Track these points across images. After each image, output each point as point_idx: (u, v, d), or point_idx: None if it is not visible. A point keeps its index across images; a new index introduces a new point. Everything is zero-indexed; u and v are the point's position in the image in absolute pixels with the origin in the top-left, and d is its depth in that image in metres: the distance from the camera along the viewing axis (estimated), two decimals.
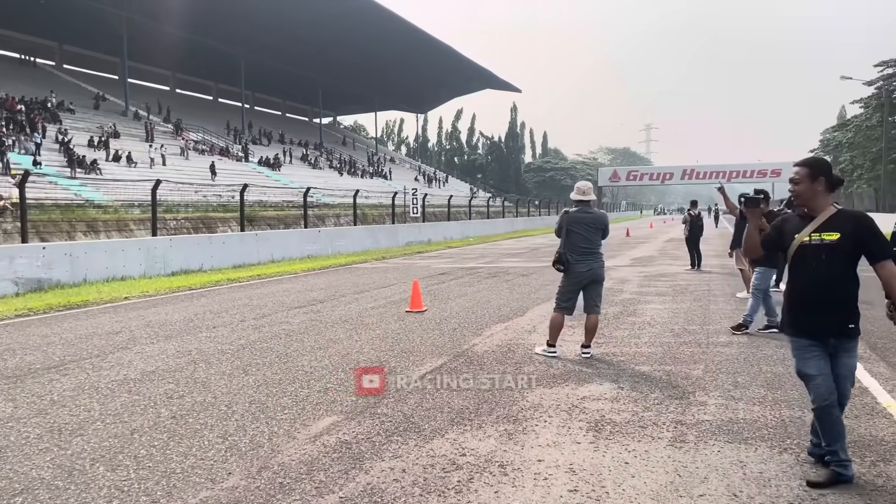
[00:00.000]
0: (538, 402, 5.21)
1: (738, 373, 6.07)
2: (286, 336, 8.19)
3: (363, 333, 8.25)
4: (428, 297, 11.57)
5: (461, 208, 46.10)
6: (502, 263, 18.71)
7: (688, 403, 5.15)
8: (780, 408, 4.99)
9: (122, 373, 6.40)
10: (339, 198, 41.95)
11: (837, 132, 74.73)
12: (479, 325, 8.72)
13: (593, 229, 6.75)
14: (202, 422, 4.86)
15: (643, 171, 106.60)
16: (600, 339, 7.66)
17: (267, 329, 8.72)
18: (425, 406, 5.16)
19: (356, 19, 52.71)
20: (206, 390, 5.73)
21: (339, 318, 9.48)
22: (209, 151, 47.91)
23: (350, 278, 15.32)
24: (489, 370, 6.27)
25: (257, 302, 11.48)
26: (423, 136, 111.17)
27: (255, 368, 6.50)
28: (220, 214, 33.01)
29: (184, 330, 8.78)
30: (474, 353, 7.01)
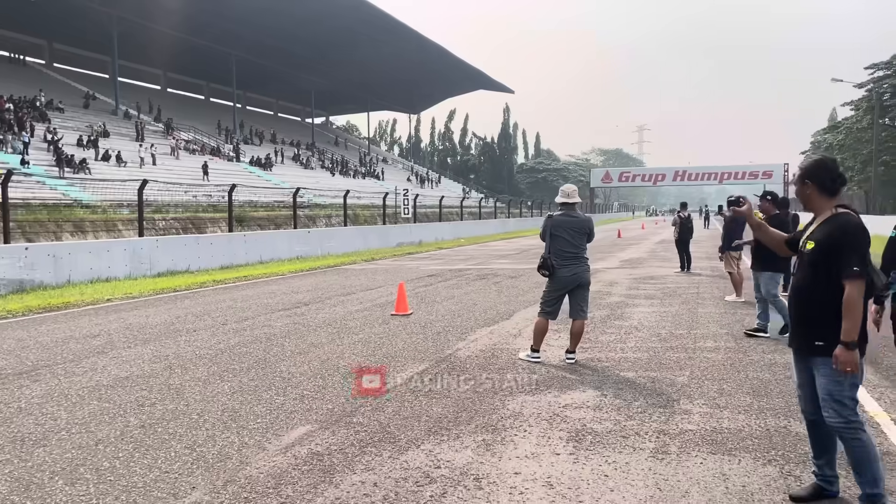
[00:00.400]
0: (519, 411, 5.08)
1: (723, 379, 5.95)
2: (267, 340, 8.03)
3: (345, 337, 8.10)
4: (414, 299, 11.43)
5: (453, 209, 45.98)
6: (492, 265, 18.58)
7: (671, 412, 5.02)
8: (766, 416, 4.88)
9: (94, 379, 6.24)
10: (330, 198, 41.74)
11: (828, 134, 74.97)
12: (464, 329, 8.59)
13: (578, 233, 6.63)
14: (171, 431, 4.71)
15: (635, 172, 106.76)
16: (586, 343, 7.54)
17: (248, 332, 8.56)
18: (403, 414, 5.02)
19: (349, 19, 52.51)
20: (179, 397, 5.57)
21: (322, 322, 9.33)
22: (200, 151, 47.63)
23: (337, 280, 15.17)
24: (471, 376, 6.14)
25: (241, 304, 11.31)
26: (416, 137, 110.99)
27: (231, 374, 6.34)
28: (210, 215, 32.78)
29: (163, 333, 8.61)
30: (457, 359, 6.88)
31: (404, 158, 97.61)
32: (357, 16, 52.37)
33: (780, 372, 6.18)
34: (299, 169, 55.87)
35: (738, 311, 9.98)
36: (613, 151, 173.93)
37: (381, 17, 54.08)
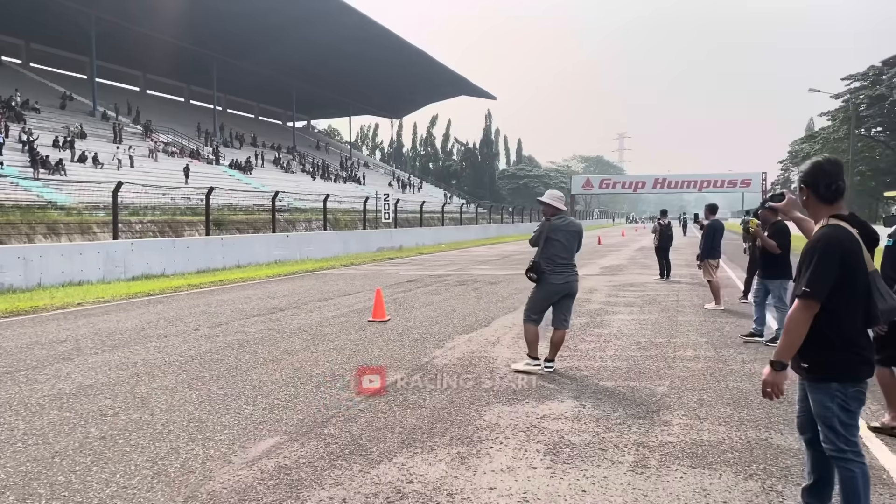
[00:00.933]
0: (495, 422, 4.94)
1: (703, 389, 5.86)
2: (239, 346, 7.84)
3: (320, 344, 7.92)
4: (392, 305, 11.27)
5: (434, 214, 45.85)
6: (472, 271, 18.46)
7: (651, 423, 4.91)
8: (747, 428, 4.78)
9: (56, 387, 6.02)
10: (311, 202, 41.49)
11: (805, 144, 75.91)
12: (442, 336, 8.44)
13: (573, 238, 6.49)
14: (133, 443, 4.52)
15: (616, 179, 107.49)
16: (565, 351, 7.43)
17: (220, 339, 8.36)
18: (376, 426, 4.86)
19: (331, 23, 52.28)
20: (144, 407, 5.37)
21: (297, 328, 9.15)
22: (179, 154, 47.13)
23: (315, 285, 14.96)
24: (447, 385, 5.99)
25: (215, 309, 11.08)
26: (398, 142, 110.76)
27: (200, 382, 6.15)
28: (188, 218, 32.42)
29: (133, 339, 8.38)
30: (434, 367, 6.73)
31: (386, 163, 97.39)
32: (339, 20, 52.16)
33: (759, 382, 6.08)
34: (280, 172, 55.47)
35: (717, 319, 9.93)
36: (594, 158, 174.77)
37: (364, 21, 53.92)
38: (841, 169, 3.02)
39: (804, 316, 2.86)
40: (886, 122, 54.82)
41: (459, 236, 39.40)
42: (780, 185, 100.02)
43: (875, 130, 57.18)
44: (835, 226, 2.93)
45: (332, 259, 22.92)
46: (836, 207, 3.00)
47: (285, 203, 41.05)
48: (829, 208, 2.99)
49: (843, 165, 3.05)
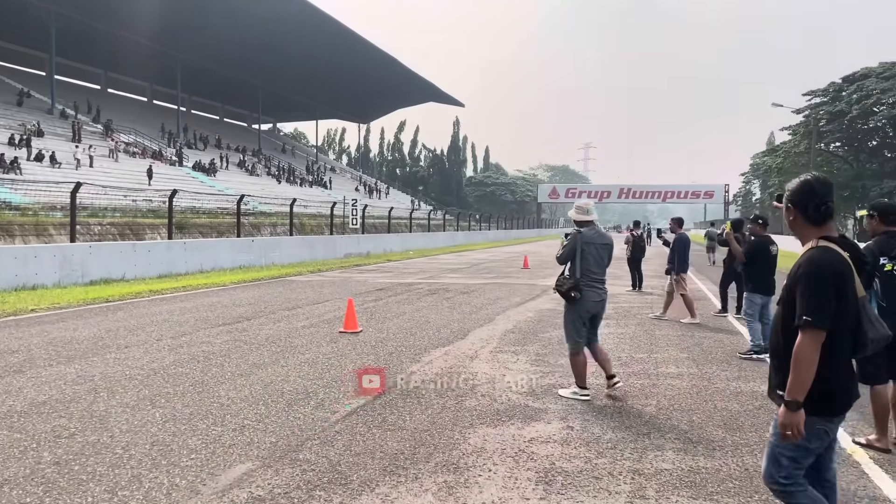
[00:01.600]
0: (481, 446, 4.68)
1: (692, 410, 5.67)
2: (205, 359, 7.45)
3: (290, 357, 7.58)
4: (364, 315, 10.95)
5: (402, 220, 45.51)
6: (443, 279, 18.20)
7: (643, 448, 4.70)
8: (743, 454, 4.59)
9: (6, 403, 5.59)
10: (276, 206, 40.77)
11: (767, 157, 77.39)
12: (418, 350, 8.15)
13: (605, 251, 6.08)
14: (90, 470, 4.15)
15: (582, 188, 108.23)
16: (545, 367, 7.21)
17: (185, 350, 7.95)
18: (355, 450, 4.56)
19: (298, 25, 51.68)
20: (103, 427, 4.99)
21: (265, 339, 8.78)
22: (141, 154, 46.06)
23: (282, 292, 14.55)
24: (427, 404, 5.71)
25: (178, 317, 10.64)
26: (365, 147, 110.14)
27: (164, 399, 5.77)
28: (150, 220, 31.57)
29: (90, 350, 7.93)
30: (411, 382, 6.44)
31: (353, 168, 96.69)
32: (307, 22, 51.60)
33: (747, 402, 5.94)
34: (244, 175, 54.58)
35: (695, 333, 9.82)
36: (560, 168, 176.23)
37: (332, 24, 53.44)
38: (830, 189, 2.79)
39: (811, 348, 2.61)
40: (845, 138, 56.12)
41: (427, 243, 39.12)
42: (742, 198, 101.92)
43: (834, 146, 58.51)
44: (824, 248, 2.72)
45: (298, 265, 22.46)
46: (826, 229, 2.78)
47: (250, 207, 40.34)
48: (818, 230, 2.78)
49: (832, 185, 2.81)
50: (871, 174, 53.90)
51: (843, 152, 58.37)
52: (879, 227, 4.90)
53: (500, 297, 13.88)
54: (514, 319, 10.76)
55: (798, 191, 2.79)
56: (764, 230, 8.63)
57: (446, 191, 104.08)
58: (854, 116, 51.95)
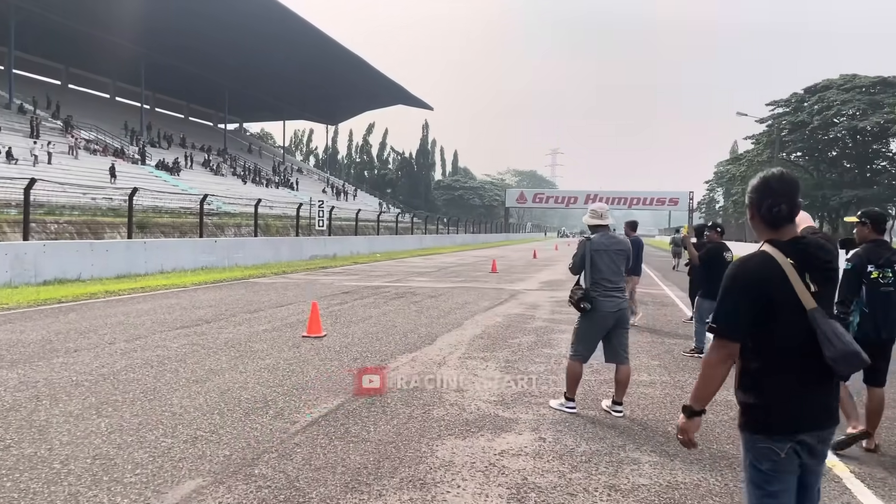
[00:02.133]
0: (450, 459, 4.43)
1: (667, 421, 5.50)
2: (159, 364, 7.08)
3: (250, 363, 7.24)
4: (328, 319, 10.62)
5: (369, 223, 45.11)
6: (410, 283, 17.91)
7: (619, 461, 4.49)
8: (722, 469, 4.41)
9: None
10: (241, 206, 40.07)
11: (731, 165, 78.67)
12: (384, 355, 7.87)
13: (621, 258, 5.66)
14: (23, 486, 3.80)
15: (549, 194, 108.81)
16: (516, 374, 6.99)
17: (138, 354, 7.56)
18: (315, 464, 4.27)
19: (266, 23, 50.96)
20: (42, 439, 4.62)
21: (224, 343, 8.41)
22: (102, 152, 44.97)
23: (244, 294, 14.13)
24: (393, 413, 5.44)
25: (134, 320, 10.20)
26: (333, 148, 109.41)
27: (111, 408, 5.41)
28: (110, 219, 30.74)
29: (36, 353, 7.49)
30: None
31: (320, 169, 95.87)
32: (275, 21, 50.92)
33: (721, 412, 5.79)
34: (209, 175, 53.66)
35: (665, 340, 9.71)
36: (528, 173, 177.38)
37: (301, 24, 52.87)
38: (791, 188, 2.44)
39: (716, 357, 2.41)
40: (806, 148, 57.24)
41: (395, 246, 38.78)
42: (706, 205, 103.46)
43: (795, 155, 59.63)
44: (757, 253, 2.43)
45: (262, 266, 21.99)
46: (781, 232, 2.45)
47: (214, 207, 39.62)
48: (771, 232, 2.46)
49: (798, 184, 2.49)
50: (831, 184, 55.03)
51: (804, 162, 59.52)
52: (870, 235, 4.91)
53: (469, 302, 13.65)
54: (482, 324, 10.54)
55: (755, 188, 2.50)
56: (720, 237, 9.02)
57: (415, 194, 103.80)
58: (815, 127, 53.03)
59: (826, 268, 2.45)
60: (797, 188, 2.46)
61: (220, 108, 70.69)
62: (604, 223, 5.76)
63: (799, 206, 2.49)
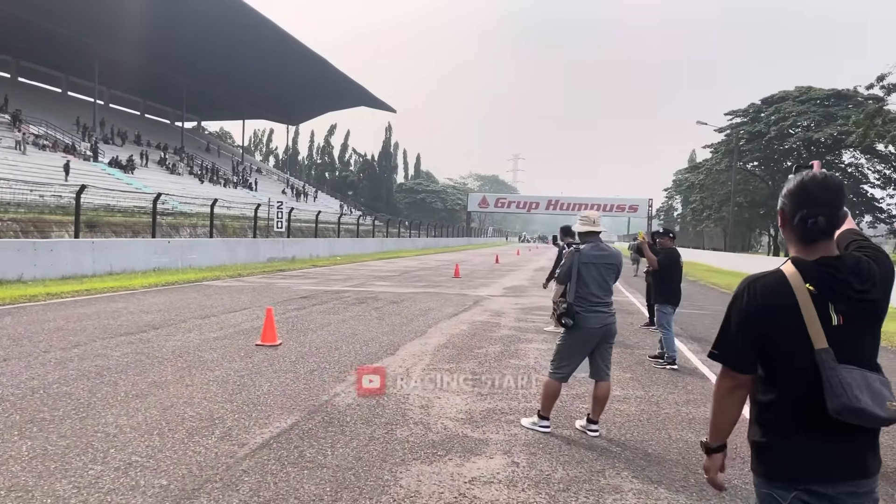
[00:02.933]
0: (415, 489, 4.00)
1: (645, 441, 5.15)
2: (97, 375, 6.50)
3: (197, 375, 6.71)
4: (285, 326, 10.10)
5: (330, 225, 44.39)
6: (371, 287, 17.41)
7: (600, 489, 4.12)
8: (708, 498, 4.07)
9: None
10: (197, 206, 38.93)
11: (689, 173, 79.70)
12: (343, 366, 7.40)
13: (610, 271, 5.31)
14: None
15: (511, 199, 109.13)
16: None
17: (75, 364, 6.97)
18: (264, 495, 3.81)
19: (227, 21, 49.88)
20: None
21: (171, 352, 7.85)
22: (52, 147, 43.38)
23: (196, 298, 13.49)
24: (353, 434, 4.99)
25: (75, 325, 9.54)
26: (294, 149, 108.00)
27: (37, 427, 4.86)
28: (58, 217, 29.52)
29: None
30: (335, 408, 5.70)
31: (280, 170, 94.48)
32: (235, 18, 49.88)
33: (702, 430, 5.46)
34: (165, 174, 52.25)
35: (634, 350, 9.42)
36: (490, 177, 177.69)
37: (263, 22, 51.89)
38: (836, 197, 1.99)
39: (722, 387, 2.08)
40: (762, 158, 58.17)
41: (356, 249, 38.16)
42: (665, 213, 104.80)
43: (752, 164, 60.57)
44: (772, 272, 2.04)
45: (217, 269, 21.24)
46: (814, 248, 2.02)
47: (169, 206, 38.50)
48: (803, 247, 2.04)
49: (842, 192, 2.01)
50: None
51: (761, 171, 60.49)
52: None
53: (432, 308, 13.23)
54: (447, 333, 10.12)
55: (790, 192, 2.05)
56: (672, 242, 9.14)
57: (376, 196, 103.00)
58: (772, 137, 53.92)
59: (859, 297, 1.97)
60: (842, 197, 2.02)
61: (178, 105, 68.98)
62: (596, 230, 5.38)
63: (842, 217, 2.05)
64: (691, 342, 10.37)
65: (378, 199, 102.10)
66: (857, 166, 54.37)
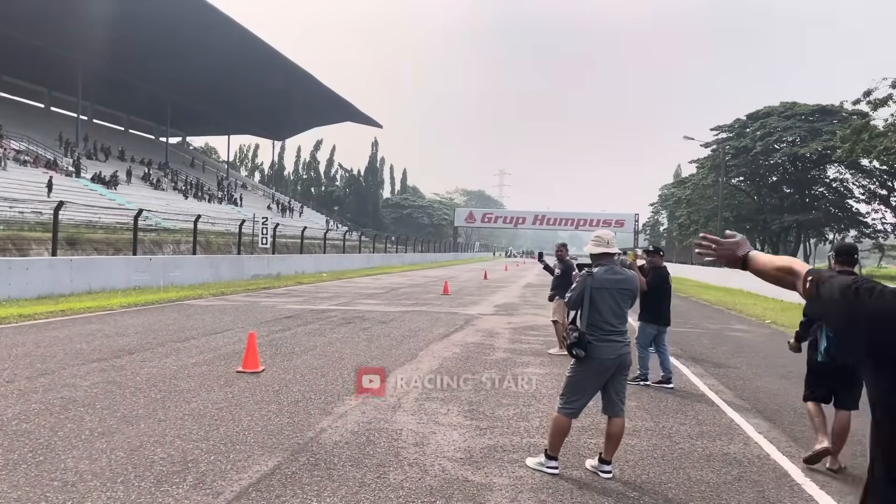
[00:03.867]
0: None
1: (664, 483, 4.70)
2: (62, 410, 5.97)
3: (172, 408, 6.19)
4: (268, 349, 9.59)
5: (316, 241, 43.80)
6: (358, 306, 16.90)
7: None
8: None
9: None
10: (181, 222, 38.33)
11: (676, 188, 79.89)
12: (330, 396, 6.91)
13: (625, 296, 4.84)
14: None
15: (498, 214, 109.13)
16: (482, 420, 6.13)
17: (39, 397, 6.43)
18: None
19: (212, 36, 49.43)
20: None
21: (146, 380, 7.32)
22: (33, 163, 42.64)
23: (177, 319, 12.93)
24: (341, 479, 4.50)
25: (44, 350, 8.98)
26: (280, 164, 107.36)
27: None
28: (38, 234, 28.81)
29: None
30: (322, 446, 5.20)
31: (266, 185, 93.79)
32: (221, 33, 49.48)
33: (722, 469, 5.03)
34: (149, 189, 51.55)
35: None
36: (476, 192, 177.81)
37: (248, 37, 51.50)
38: None
39: None
40: (748, 173, 58.32)
41: (342, 265, 37.59)
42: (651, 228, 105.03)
43: (737, 179, 60.70)
44: None
45: (199, 287, 20.65)
46: None
47: (152, 223, 37.84)
48: None
49: None
50: (772, 208, 56.12)
51: (747, 187, 60.64)
52: (836, 268, 5.08)
53: (422, 329, 12.75)
54: (439, 356, 9.65)
55: None
56: (662, 260, 8.87)
57: (363, 212, 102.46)
58: (757, 152, 54.06)
59: None
60: None
61: (163, 120, 68.33)
62: (610, 251, 4.94)
63: None
64: (693, 364, 9.96)
65: (364, 214, 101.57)
66: (843, 181, 54.59)
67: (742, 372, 9.52)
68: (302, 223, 52.96)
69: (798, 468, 5.14)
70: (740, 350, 11.86)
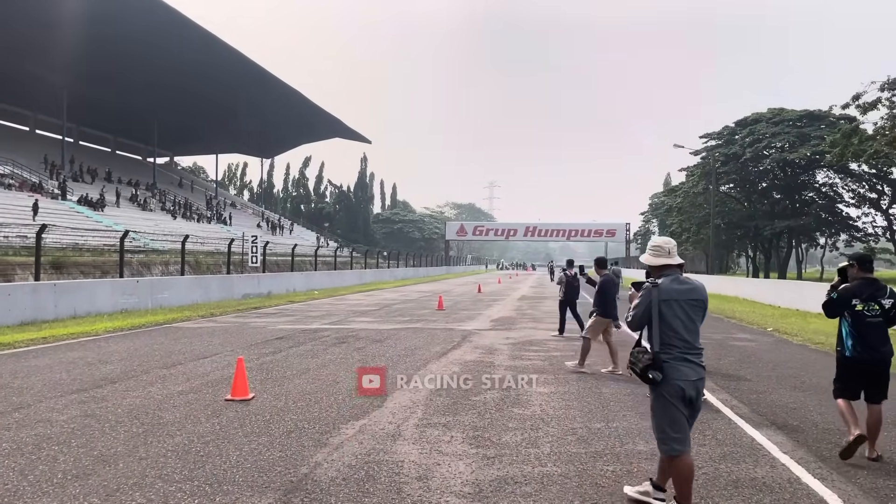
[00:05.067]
0: None
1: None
2: (35, 449, 5.52)
3: (154, 444, 5.74)
4: (258, 374, 9.14)
5: (307, 258, 43.33)
6: (352, 324, 16.45)
7: None
8: None
9: None
10: (170, 243, 37.80)
11: (666, 197, 79.92)
12: (325, 424, 6.47)
13: (697, 309, 4.31)
14: None
15: (489, 226, 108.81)
16: (489, 447, 5.71)
17: (11, 435, 5.97)
18: None
19: (197, 55, 49.12)
20: None
21: (127, 412, 6.86)
22: (18, 187, 42.08)
23: (164, 344, 12.45)
24: None
25: (21, 382, 8.50)
26: (269, 182, 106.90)
27: None
28: (23, 259, 28.23)
29: None
30: (318, 483, 4.77)
31: (255, 204, 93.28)
32: (206, 52, 49.16)
33: (755, 498, 4.62)
34: (136, 210, 50.99)
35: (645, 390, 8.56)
36: (466, 206, 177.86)
37: (234, 56, 51.23)
38: None
39: None
40: (738, 179, 58.30)
41: (334, 282, 37.10)
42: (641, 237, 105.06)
43: (727, 186, 60.68)
44: None
45: (189, 308, 20.16)
46: None
47: (141, 244, 37.32)
48: None
49: None
50: (763, 214, 56.04)
51: (737, 193, 60.60)
52: (858, 274, 5.73)
53: (418, 347, 12.33)
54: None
55: None
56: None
57: (353, 228, 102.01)
58: (747, 159, 54.04)
59: None
60: None
61: (150, 141, 67.80)
62: (673, 262, 4.40)
63: None
64: None
65: (355, 230, 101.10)
66: (832, 185, 54.62)
67: (754, 384, 9.14)
68: (292, 241, 52.46)
69: (835, 493, 4.74)
70: (747, 360, 11.49)
